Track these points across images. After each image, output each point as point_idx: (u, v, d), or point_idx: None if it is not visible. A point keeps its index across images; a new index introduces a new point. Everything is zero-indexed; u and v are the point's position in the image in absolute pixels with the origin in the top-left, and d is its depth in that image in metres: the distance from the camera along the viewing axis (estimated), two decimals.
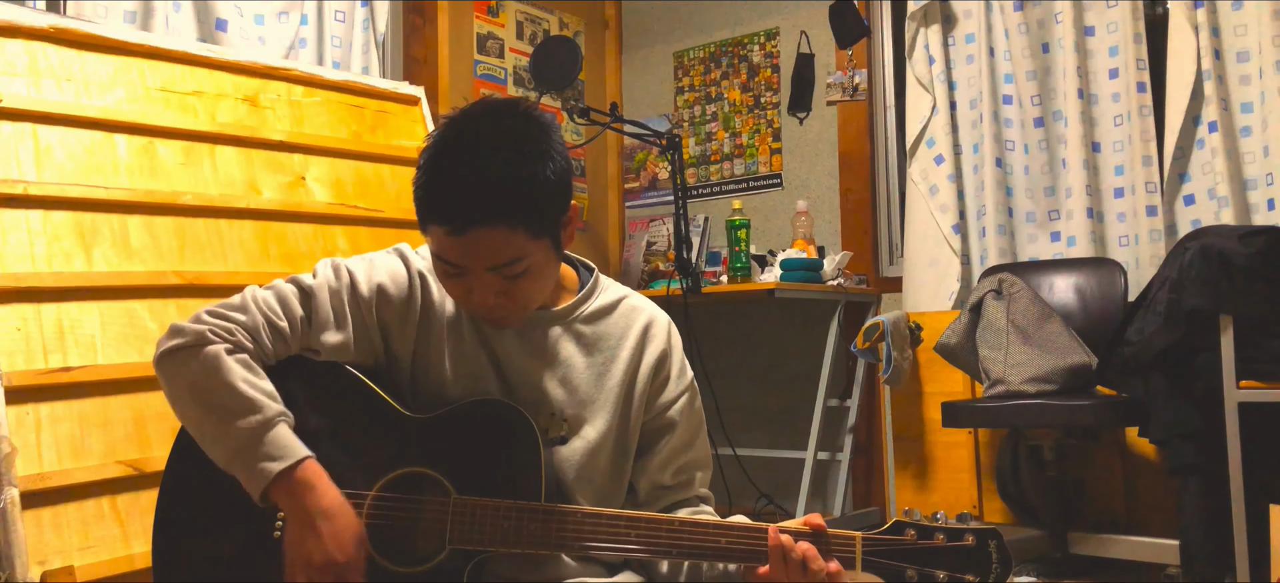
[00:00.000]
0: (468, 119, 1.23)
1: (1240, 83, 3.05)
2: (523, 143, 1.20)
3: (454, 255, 1.21)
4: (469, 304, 1.27)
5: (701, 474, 1.42)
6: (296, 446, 1.21)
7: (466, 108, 1.25)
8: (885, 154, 3.85)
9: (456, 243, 1.19)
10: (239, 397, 1.21)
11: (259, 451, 1.19)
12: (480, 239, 1.18)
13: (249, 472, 1.20)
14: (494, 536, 1.22)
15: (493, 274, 1.21)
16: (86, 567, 1.86)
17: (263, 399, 1.22)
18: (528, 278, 1.24)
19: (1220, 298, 2.38)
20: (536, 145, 1.21)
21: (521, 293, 1.25)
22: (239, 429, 1.20)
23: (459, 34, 3.78)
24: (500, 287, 1.23)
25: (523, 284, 1.24)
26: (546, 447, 1.27)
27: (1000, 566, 1.17)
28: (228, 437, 1.21)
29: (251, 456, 1.19)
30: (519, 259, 1.21)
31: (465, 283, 1.23)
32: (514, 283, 1.23)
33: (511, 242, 1.19)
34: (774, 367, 3.98)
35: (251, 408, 1.20)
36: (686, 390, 1.41)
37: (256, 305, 1.28)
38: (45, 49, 2.22)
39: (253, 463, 1.19)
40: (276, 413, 1.22)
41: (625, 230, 4.43)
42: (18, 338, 1.94)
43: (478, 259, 1.20)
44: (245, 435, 1.20)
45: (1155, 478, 2.93)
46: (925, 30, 3.56)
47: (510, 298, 1.25)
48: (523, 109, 1.24)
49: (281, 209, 2.48)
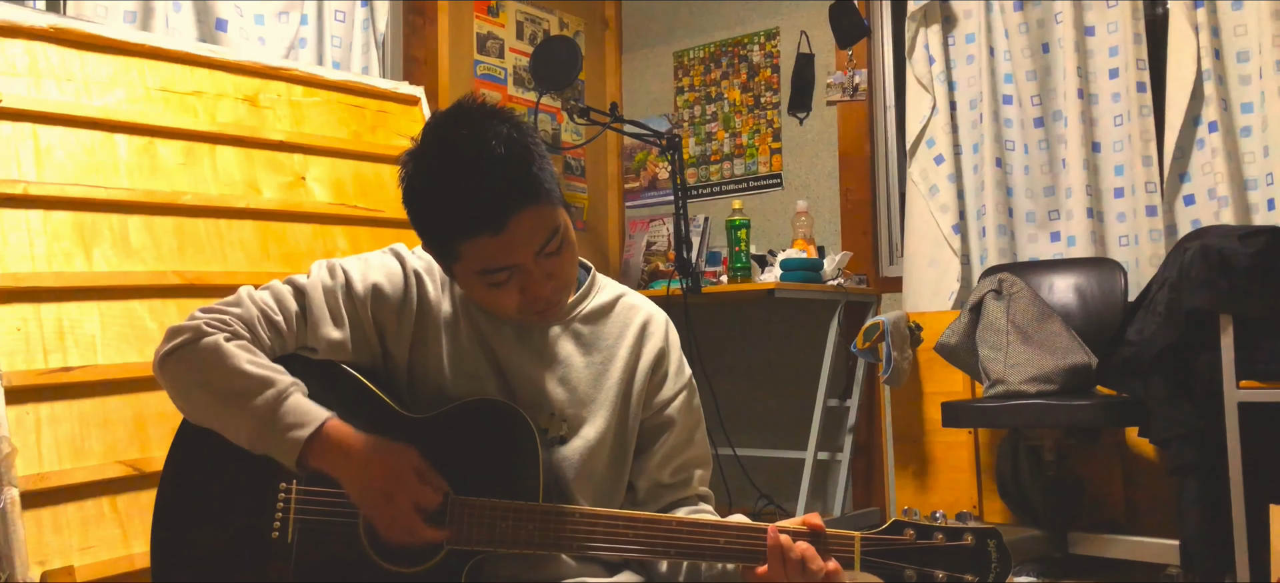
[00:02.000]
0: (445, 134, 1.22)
1: (1240, 83, 3.05)
2: (500, 129, 1.21)
3: (501, 257, 1.20)
4: (522, 305, 1.26)
5: (701, 472, 1.42)
6: (316, 409, 1.21)
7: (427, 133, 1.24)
8: (885, 154, 3.85)
9: (500, 241, 1.19)
10: (248, 377, 1.21)
11: (281, 423, 1.19)
12: (521, 224, 1.19)
13: (278, 446, 1.20)
14: (492, 536, 1.22)
15: (540, 259, 1.22)
16: (86, 567, 1.86)
17: (271, 374, 1.22)
18: (567, 248, 1.26)
19: (1220, 298, 2.38)
20: (511, 125, 1.22)
21: (564, 269, 1.27)
22: (256, 408, 1.20)
23: (459, 34, 3.78)
24: (548, 269, 1.24)
25: (564, 257, 1.26)
26: (545, 447, 1.27)
27: (999, 565, 1.17)
28: (247, 418, 1.20)
29: (276, 430, 1.19)
30: (557, 229, 1.22)
31: (517, 281, 1.23)
32: (558, 259, 1.24)
33: (548, 215, 1.21)
34: (774, 367, 3.98)
35: (263, 384, 1.21)
36: (684, 388, 1.41)
37: (252, 301, 1.29)
38: (45, 49, 2.22)
39: (279, 437, 1.19)
40: (288, 383, 1.22)
41: (625, 230, 4.43)
42: (18, 338, 1.94)
43: (524, 247, 1.20)
44: (263, 412, 1.20)
45: (1155, 478, 2.93)
46: (925, 30, 3.56)
47: (556, 279, 1.26)
48: (478, 104, 1.25)
49: (281, 209, 2.48)
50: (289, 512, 1.25)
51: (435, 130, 1.24)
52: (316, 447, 1.20)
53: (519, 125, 1.23)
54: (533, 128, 1.26)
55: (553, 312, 1.31)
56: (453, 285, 1.35)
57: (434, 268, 1.36)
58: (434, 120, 1.26)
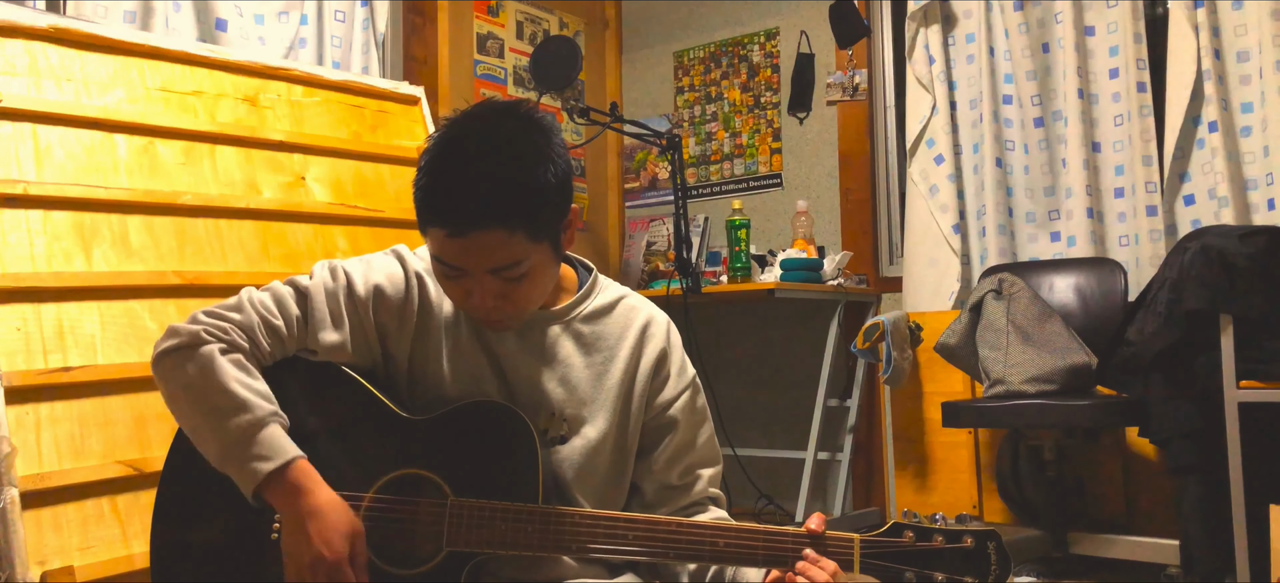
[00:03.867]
0: (469, 121, 1.23)
1: (1240, 83, 3.05)
2: (524, 146, 1.20)
3: (453, 257, 1.20)
4: (468, 306, 1.26)
5: (709, 473, 1.41)
6: (287, 446, 1.21)
7: (468, 110, 1.25)
8: (885, 154, 3.85)
9: (456, 245, 1.19)
10: (231, 396, 1.21)
11: (250, 450, 1.19)
12: (480, 241, 1.18)
13: (240, 471, 1.20)
14: (491, 537, 1.22)
15: (492, 277, 1.21)
16: (86, 567, 1.85)
17: (255, 399, 1.22)
18: (527, 281, 1.23)
19: (1220, 298, 2.38)
20: (537, 149, 1.21)
21: (520, 296, 1.25)
22: (230, 428, 1.20)
23: (459, 34, 3.78)
24: (500, 289, 1.22)
25: (522, 287, 1.24)
26: (545, 447, 1.27)
27: (999, 567, 1.17)
28: (219, 436, 1.21)
29: (243, 455, 1.19)
30: (519, 262, 1.21)
31: (464, 285, 1.23)
32: (514, 285, 1.23)
33: (511, 244, 1.19)
34: (774, 367, 3.98)
35: (243, 408, 1.20)
36: (687, 388, 1.41)
37: (252, 306, 1.29)
38: (45, 49, 2.22)
39: (244, 463, 1.19)
40: (268, 413, 1.22)
41: (625, 230, 4.43)
42: (18, 338, 1.94)
43: (477, 261, 1.20)
44: (236, 435, 1.20)
45: (1155, 478, 2.93)
46: (925, 30, 3.56)
47: (509, 301, 1.24)
48: (524, 111, 1.24)
49: (281, 209, 2.48)
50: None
51: (473, 110, 1.25)
52: (277, 483, 1.19)
53: (547, 154, 1.21)
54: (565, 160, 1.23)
55: (502, 325, 1.30)
56: None
57: None
58: (482, 104, 1.27)
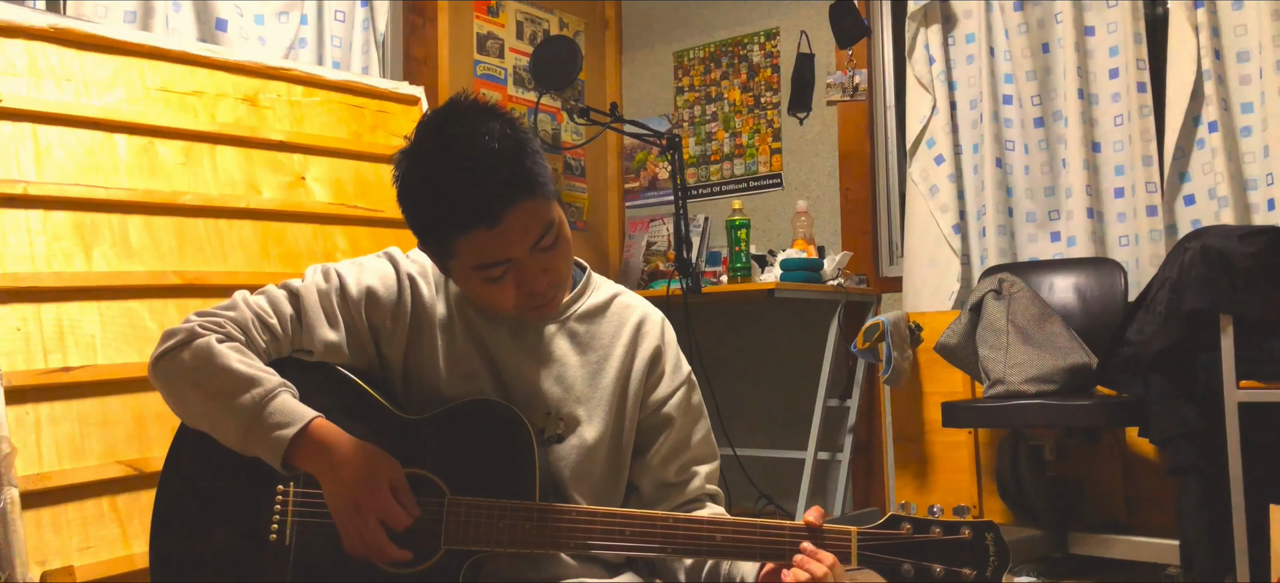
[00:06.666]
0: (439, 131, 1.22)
1: (1240, 83, 3.05)
2: (495, 123, 1.21)
3: (496, 251, 1.21)
4: (517, 300, 1.26)
5: (706, 469, 1.42)
6: (302, 409, 1.22)
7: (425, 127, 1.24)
8: (885, 154, 3.85)
9: (495, 236, 1.19)
10: (237, 376, 1.21)
11: (268, 421, 1.20)
12: (516, 218, 1.19)
13: (264, 444, 1.20)
14: (489, 535, 1.22)
15: (534, 253, 1.22)
16: (86, 567, 1.86)
17: (260, 374, 1.23)
18: (562, 242, 1.26)
19: (1220, 298, 2.38)
20: (506, 121, 1.22)
21: (559, 263, 1.26)
22: (243, 406, 1.20)
23: (459, 34, 3.78)
24: (543, 263, 1.24)
25: (559, 251, 1.25)
26: (542, 446, 1.27)
27: (997, 558, 1.17)
28: (235, 417, 1.21)
29: (262, 428, 1.20)
30: (551, 223, 1.22)
31: (513, 276, 1.23)
32: (552, 254, 1.24)
33: (543, 209, 1.21)
34: (774, 367, 3.98)
35: (251, 383, 1.21)
36: (682, 385, 1.41)
37: (246, 305, 1.30)
38: (45, 49, 2.23)
39: (265, 435, 1.20)
40: (277, 383, 1.23)
41: (625, 230, 4.43)
42: (18, 338, 1.94)
43: (520, 242, 1.20)
44: (250, 411, 1.20)
45: (1155, 478, 2.93)
46: (925, 30, 3.56)
47: (552, 273, 1.26)
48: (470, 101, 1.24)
49: (281, 209, 2.48)
50: (287, 514, 1.25)
51: (429, 128, 1.24)
52: (302, 446, 1.20)
53: (511, 121, 1.23)
54: (526, 123, 1.26)
55: (549, 307, 1.31)
56: (448, 286, 1.35)
57: (429, 269, 1.36)
58: (427, 118, 1.26)
